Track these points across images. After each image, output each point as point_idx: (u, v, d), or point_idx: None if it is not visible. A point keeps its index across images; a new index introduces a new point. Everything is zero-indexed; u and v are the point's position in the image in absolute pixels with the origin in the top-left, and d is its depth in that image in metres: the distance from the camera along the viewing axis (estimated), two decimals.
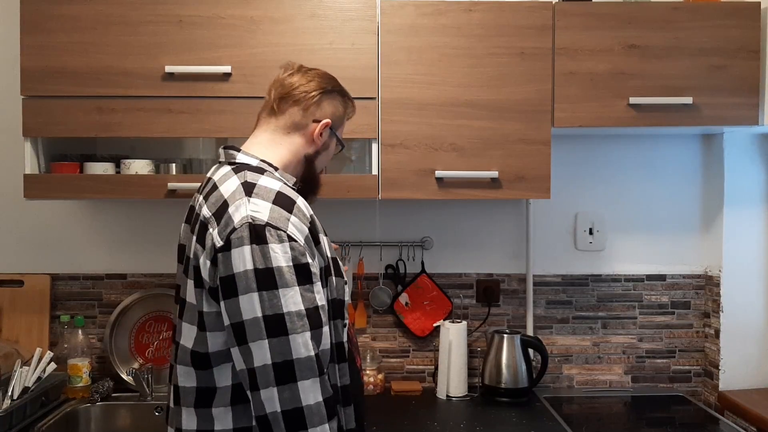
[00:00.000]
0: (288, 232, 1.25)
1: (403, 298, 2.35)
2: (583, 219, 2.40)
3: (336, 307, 1.36)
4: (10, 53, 2.08)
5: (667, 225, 2.41)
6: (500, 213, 2.39)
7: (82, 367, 2.16)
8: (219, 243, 1.24)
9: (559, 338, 2.39)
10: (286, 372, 1.20)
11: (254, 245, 1.22)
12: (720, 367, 2.31)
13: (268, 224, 1.24)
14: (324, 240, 1.36)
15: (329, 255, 1.37)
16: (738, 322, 2.32)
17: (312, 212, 1.35)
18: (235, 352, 1.23)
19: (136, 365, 2.25)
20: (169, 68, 1.94)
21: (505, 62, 2.00)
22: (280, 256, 1.23)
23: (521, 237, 2.39)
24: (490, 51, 2.00)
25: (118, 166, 2.07)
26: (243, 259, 1.22)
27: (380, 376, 2.29)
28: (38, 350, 2.01)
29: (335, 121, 1.50)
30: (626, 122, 2.02)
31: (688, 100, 2.01)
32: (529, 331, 2.36)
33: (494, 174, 2.00)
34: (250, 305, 1.21)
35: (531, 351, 2.26)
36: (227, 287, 1.23)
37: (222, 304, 1.24)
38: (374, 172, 2.01)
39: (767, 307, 2.34)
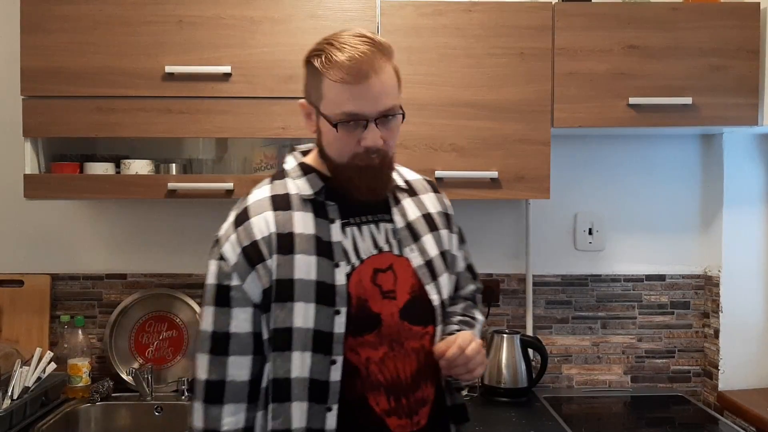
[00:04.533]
0: (222, 249, 1.27)
1: None
2: (583, 219, 2.40)
3: (281, 337, 1.23)
4: (10, 53, 2.08)
5: (666, 225, 2.41)
6: (500, 213, 2.39)
7: (82, 367, 2.16)
8: None
9: (559, 338, 2.40)
10: (193, 387, 1.29)
11: (208, 260, 1.30)
12: (719, 367, 2.31)
13: (217, 240, 1.29)
14: (287, 261, 1.23)
15: (293, 278, 1.23)
16: (737, 322, 2.32)
17: (280, 230, 1.25)
18: None
19: (136, 365, 2.24)
20: (169, 68, 1.94)
21: (505, 62, 2.00)
22: (211, 273, 1.28)
23: (521, 237, 2.39)
24: (490, 51, 2.00)
25: (118, 166, 2.07)
26: None
27: None
28: (38, 350, 2.01)
29: (311, 94, 1.28)
30: (626, 122, 2.02)
31: (688, 100, 2.01)
32: (529, 331, 2.37)
33: (494, 174, 2.00)
34: None
35: (530, 351, 2.25)
36: None
37: None
38: None
39: (767, 307, 2.34)
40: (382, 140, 1.25)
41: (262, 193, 1.31)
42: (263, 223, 1.25)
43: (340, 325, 1.23)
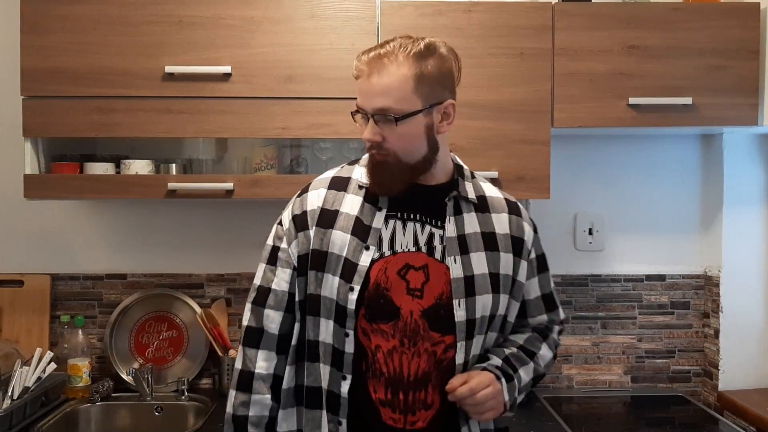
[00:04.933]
0: (282, 215, 1.44)
1: None
2: (583, 219, 2.40)
3: (312, 302, 1.36)
4: (10, 53, 2.08)
5: (666, 225, 2.41)
6: None
7: (82, 367, 2.16)
8: None
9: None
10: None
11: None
12: (719, 367, 2.31)
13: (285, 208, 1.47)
14: (324, 234, 1.35)
15: (327, 250, 1.34)
16: (737, 322, 2.32)
17: (326, 206, 1.38)
18: None
19: (136, 365, 2.25)
20: (169, 68, 1.94)
21: (505, 62, 2.00)
22: (271, 234, 1.45)
23: None
24: (490, 51, 2.00)
25: (118, 166, 2.07)
26: None
27: None
28: (38, 350, 2.01)
29: None
30: (626, 122, 2.02)
31: (688, 100, 2.01)
32: None
33: (494, 174, 2.00)
34: None
35: None
36: None
37: None
38: None
39: (766, 307, 2.35)
40: (381, 137, 1.32)
41: (328, 173, 1.46)
42: (315, 198, 1.40)
43: (351, 301, 1.31)
